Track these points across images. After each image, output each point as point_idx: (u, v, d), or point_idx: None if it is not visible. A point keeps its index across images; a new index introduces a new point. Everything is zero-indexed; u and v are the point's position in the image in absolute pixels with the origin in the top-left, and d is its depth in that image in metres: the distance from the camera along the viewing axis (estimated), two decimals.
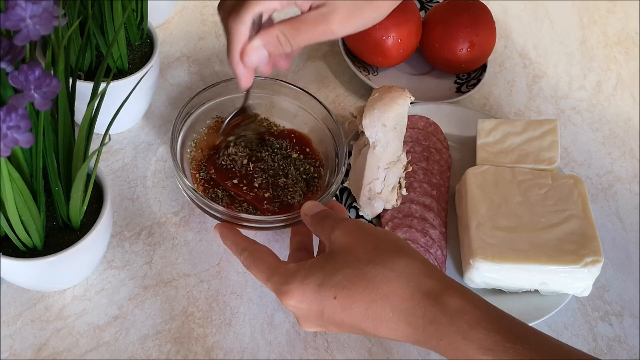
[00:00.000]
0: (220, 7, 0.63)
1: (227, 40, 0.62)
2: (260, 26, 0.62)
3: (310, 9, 0.61)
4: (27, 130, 0.45)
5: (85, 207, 0.60)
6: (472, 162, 0.77)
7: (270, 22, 0.63)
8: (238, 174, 0.70)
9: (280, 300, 0.54)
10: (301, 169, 0.72)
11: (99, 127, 0.58)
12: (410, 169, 0.73)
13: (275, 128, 0.76)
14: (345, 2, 0.60)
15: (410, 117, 0.76)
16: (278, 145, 0.73)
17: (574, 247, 0.66)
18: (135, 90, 0.61)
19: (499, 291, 0.68)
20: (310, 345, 0.65)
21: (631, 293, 0.72)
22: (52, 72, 0.49)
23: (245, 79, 0.64)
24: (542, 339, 0.48)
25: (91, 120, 0.56)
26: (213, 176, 0.70)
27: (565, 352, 0.48)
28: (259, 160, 0.71)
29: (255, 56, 0.61)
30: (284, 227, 0.66)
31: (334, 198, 0.72)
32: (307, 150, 0.74)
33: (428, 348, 0.51)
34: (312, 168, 0.72)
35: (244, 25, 0.60)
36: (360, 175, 0.71)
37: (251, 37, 0.61)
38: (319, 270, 0.53)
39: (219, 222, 0.65)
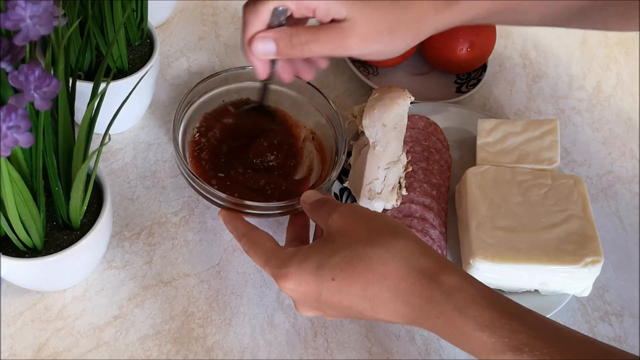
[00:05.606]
0: (245, 5, 0.64)
1: (242, 30, 0.63)
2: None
3: (332, 22, 0.61)
4: (27, 130, 0.45)
5: (85, 207, 0.60)
6: (472, 162, 0.77)
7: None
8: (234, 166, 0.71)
9: (277, 284, 0.55)
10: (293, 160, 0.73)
11: (99, 127, 0.58)
12: (410, 169, 0.73)
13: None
14: (366, 22, 0.61)
15: (410, 117, 0.76)
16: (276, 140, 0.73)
17: (574, 247, 0.66)
18: (135, 90, 0.61)
19: (499, 291, 0.68)
20: (310, 345, 0.65)
21: (631, 293, 0.72)
22: (52, 72, 0.49)
23: (258, 69, 0.64)
24: (537, 317, 0.49)
25: (91, 120, 0.56)
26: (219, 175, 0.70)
27: (558, 329, 0.49)
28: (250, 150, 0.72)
29: (261, 45, 0.62)
30: (284, 214, 0.66)
31: (333, 197, 0.72)
32: (295, 142, 0.74)
33: (425, 328, 0.51)
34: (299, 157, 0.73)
35: (257, 16, 0.61)
36: (360, 175, 0.71)
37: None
38: (316, 253, 0.54)
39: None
